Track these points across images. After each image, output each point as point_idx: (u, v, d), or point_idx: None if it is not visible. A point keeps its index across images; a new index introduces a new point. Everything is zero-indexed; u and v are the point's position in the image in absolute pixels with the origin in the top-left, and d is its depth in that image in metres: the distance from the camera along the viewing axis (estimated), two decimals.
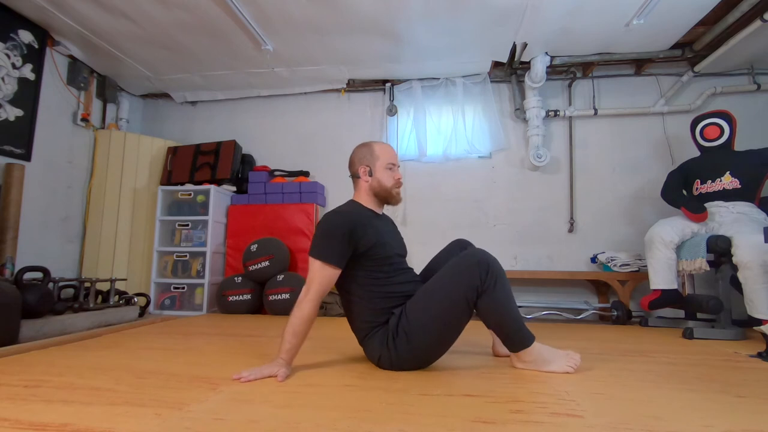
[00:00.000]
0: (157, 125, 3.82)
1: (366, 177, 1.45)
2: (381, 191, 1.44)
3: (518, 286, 3.13)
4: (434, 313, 1.27)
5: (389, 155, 1.46)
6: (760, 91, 2.99)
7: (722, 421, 0.92)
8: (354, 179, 1.50)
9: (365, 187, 1.46)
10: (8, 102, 2.60)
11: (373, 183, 1.44)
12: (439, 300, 1.27)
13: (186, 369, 1.35)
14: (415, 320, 1.27)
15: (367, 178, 1.44)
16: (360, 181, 1.47)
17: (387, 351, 1.30)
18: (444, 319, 1.28)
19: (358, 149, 1.49)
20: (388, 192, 1.44)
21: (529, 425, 0.88)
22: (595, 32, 2.70)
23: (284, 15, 2.53)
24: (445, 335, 1.31)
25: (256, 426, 0.86)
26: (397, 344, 1.28)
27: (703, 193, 2.45)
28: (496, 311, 1.27)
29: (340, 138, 3.53)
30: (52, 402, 1.01)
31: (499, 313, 1.27)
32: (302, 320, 1.25)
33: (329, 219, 1.33)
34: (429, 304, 1.28)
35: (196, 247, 3.10)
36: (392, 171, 1.46)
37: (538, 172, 3.25)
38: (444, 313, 1.27)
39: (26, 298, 1.89)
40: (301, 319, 1.25)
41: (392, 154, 1.48)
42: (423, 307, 1.29)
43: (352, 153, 1.51)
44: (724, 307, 2.12)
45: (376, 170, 1.44)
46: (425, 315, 1.27)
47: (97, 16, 2.57)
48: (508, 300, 1.28)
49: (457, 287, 1.25)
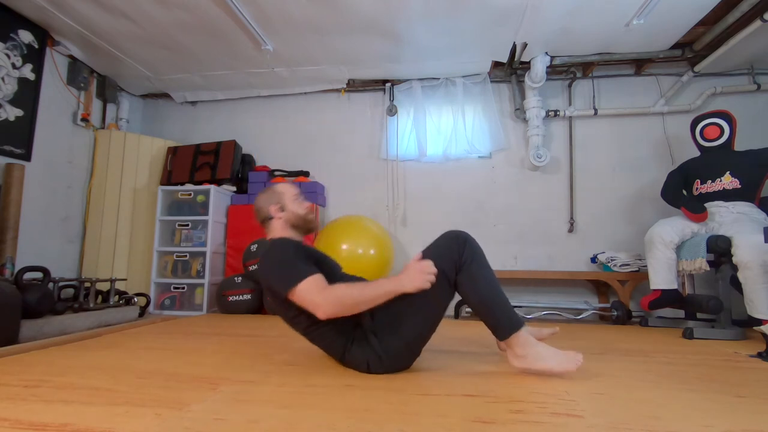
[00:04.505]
0: (157, 125, 3.82)
1: (279, 213, 1.44)
2: (297, 220, 1.45)
3: (518, 286, 3.13)
4: (416, 296, 1.23)
5: (293, 189, 1.50)
6: (760, 91, 2.99)
7: (722, 421, 0.92)
8: (267, 223, 1.46)
9: (281, 223, 1.44)
10: (8, 102, 2.60)
11: (288, 215, 1.44)
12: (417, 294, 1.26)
13: (186, 369, 1.35)
14: (396, 307, 1.25)
15: (280, 213, 1.44)
16: (274, 220, 1.44)
17: (373, 352, 1.27)
18: (426, 299, 1.25)
19: (261, 197, 1.49)
20: (304, 219, 1.46)
21: (529, 425, 0.88)
22: (595, 32, 2.70)
23: (284, 15, 2.53)
24: (428, 316, 1.29)
25: (256, 426, 0.86)
26: (381, 339, 1.26)
27: (703, 193, 2.45)
28: (477, 288, 1.26)
29: (340, 138, 3.54)
30: (52, 402, 1.01)
31: (480, 290, 1.26)
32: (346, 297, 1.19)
33: (275, 249, 1.30)
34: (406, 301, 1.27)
35: (196, 247, 3.10)
36: (301, 201, 1.48)
37: (538, 172, 3.25)
38: (426, 294, 1.23)
39: (26, 298, 1.89)
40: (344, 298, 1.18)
41: (294, 188, 1.51)
42: (399, 308, 1.27)
43: (255, 204, 1.49)
44: (724, 307, 2.12)
45: (287, 204, 1.45)
46: (406, 298, 1.24)
47: (97, 16, 2.57)
48: (489, 278, 1.28)
49: (437, 266, 1.23)
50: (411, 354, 1.32)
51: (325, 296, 1.17)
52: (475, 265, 1.26)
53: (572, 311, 2.84)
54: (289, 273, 1.21)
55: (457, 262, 1.26)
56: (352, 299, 1.19)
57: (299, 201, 1.48)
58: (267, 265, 1.28)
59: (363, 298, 1.20)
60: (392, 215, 3.38)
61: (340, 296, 1.18)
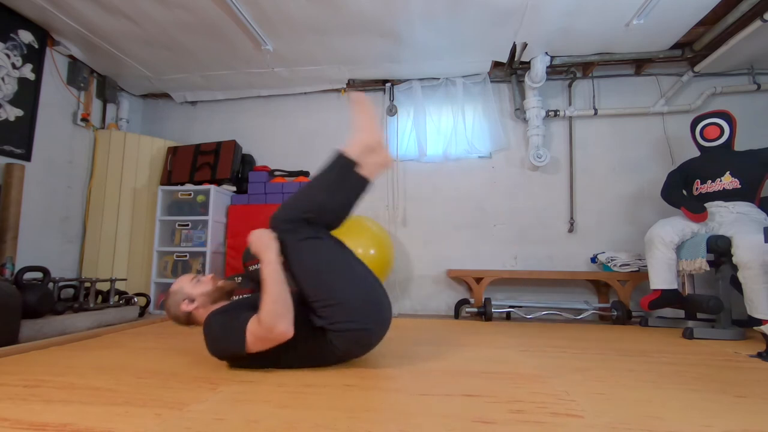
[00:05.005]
0: (157, 125, 3.82)
1: (191, 305, 1.42)
2: (212, 296, 1.45)
3: (518, 286, 3.13)
4: (312, 274, 1.30)
5: (184, 278, 1.48)
6: (760, 91, 2.99)
7: (722, 421, 0.92)
8: (188, 318, 1.45)
9: (201, 309, 1.42)
10: (8, 102, 2.60)
11: (201, 299, 1.43)
12: (303, 267, 1.31)
13: (186, 369, 1.35)
14: (318, 294, 1.28)
15: (193, 304, 1.42)
16: (194, 311, 1.43)
17: (336, 334, 1.28)
18: (308, 256, 1.31)
19: (168, 307, 1.48)
20: (216, 290, 1.46)
21: (529, 425, 0.88)
22: (595, 32, 2.70)
23: (284, 15, 2.53)
24: (331, 265, 1.32)
25: (256, 426, 0.86)
26: (331, 320, 1.27)
27: (703, 193, 2.45)
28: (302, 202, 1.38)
29: (340, 138, 3.53)
30: (52, 402, 1.01)
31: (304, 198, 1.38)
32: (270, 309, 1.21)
33: (208, 331, 1.31)
34: (308, 275, 1.31)
35: (196, 247, 3.10)
36: (199, 281, 1.47)
37: (538, 172, 3.25)
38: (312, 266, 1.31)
39: (26, 298, 1.89)
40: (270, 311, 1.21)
41: (186, 277, 1.50)
42: (309, 280, 1.30)
43: (169, 316, 1.48)
44: (724, 307, 2.12)
45: (191, 293, 1.44)
46: (306, 276, 1.30)
47: (97, 16, 2.57)
48: (299, 191, 1.40)
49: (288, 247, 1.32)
50: (360, 310, 1.31)
51: (268, 323, 1.19)
52: (287, 208, 1.37)
53: (572, 311, 2.84)
54: (231, 340, 1.24)
55: (284, 228, 1.33)
56: (273, 302, 1.21)
57: (198, 282, 1.46)
58: (213, 348, 1.31)
59: (272, 296, 1.22)
60: (392, 215, 3.38)
61: (270, 311, 1.20)
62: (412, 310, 3.26)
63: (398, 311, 3.21)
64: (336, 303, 1.27)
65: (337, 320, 1.27)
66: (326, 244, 1.36)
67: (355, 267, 1.38)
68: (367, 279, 1.37)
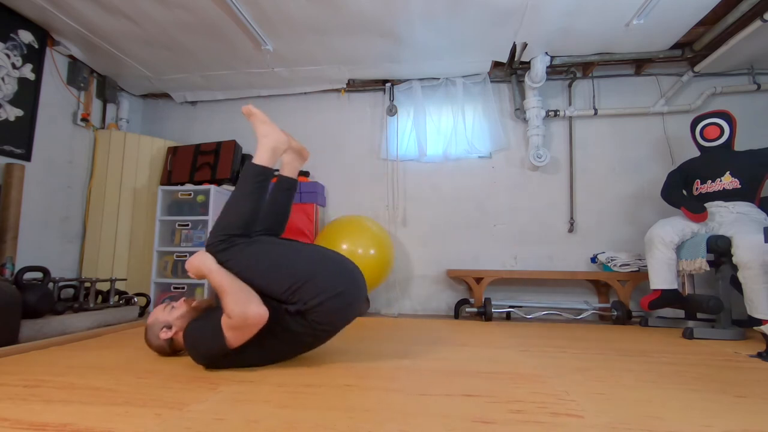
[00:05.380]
0: (157, 125, 3.82)
1: (170, 332, 1.43)
2: (188, 316, 1.45)
3: (518, 286, 3.13)
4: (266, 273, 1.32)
5: (157, 309, 1.50)
6: (760, 91, 2.99)
7: (722, 421, 0.92)
8: (172, 346, 1.47)
9: (180, 333, 1.42)
10: (8, 102, 2.60)
11: (178, 323, 1.43)
12: (252, 273, 1.32)
13: (186, 369, 1.35)
14: (263, 280, 1.31)
15: (171, 331, 1.43)
16: (173, 338, 1.44)
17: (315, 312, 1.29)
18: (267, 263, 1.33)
19: (149, 341, 1.49)
20: (191, 311, 1.46)
21: (529, 425, 0.88)
22: (595, 32, 2.70)
23: (284, 15, 2.53)
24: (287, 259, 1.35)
25: (256, 426, 0.86)
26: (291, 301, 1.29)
27: (703, 193, 2.45)
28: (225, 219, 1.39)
29: (340, 138, 3.54)
30: (52, 402, 1.01)
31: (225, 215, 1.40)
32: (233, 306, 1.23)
33: (189, 341, 1.34)
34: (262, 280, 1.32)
35: (196, 247, 3.10)
36: (173, 306, 1.47)
37: (538, 172, 3.25)
38: (262, 266, 1.33)
39: (26, 298, 1.89)
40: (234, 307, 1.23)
41: (158, 307, 1.50)
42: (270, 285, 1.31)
43: (153, 348, 1.50)
44: (724, 307, 2.12)
45: (167, 320, 1.44)
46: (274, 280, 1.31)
47: (97, 16, 2.57)
48: (222, 211, 1.41)
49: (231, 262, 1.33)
50: (325, 278, 1.33)
51: (238, 313, 1.21)
52: (216, 231, 1.38)
53: (572, 311, 2.84)
54: (211, 341, 1.27)
55: (218, 249, 1.35)
56: (233, 298, 1.23)
57: (172, 308, 1.47)
58: (198, 356, 1.33)
59: (229, 290, 1.25)
60: (392, 215, 3.38)
61: (235, 301, 1.22)
62: (412, 310, 3.26)
63: (398, 311, 3.21)
64: (302, 284, 1.29)
65: (309, 297, 1.29)
66: (264, 241, 1.41)
67: (301, 248, 1.42)
68: (317, 251, 1.42)
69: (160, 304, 1.54)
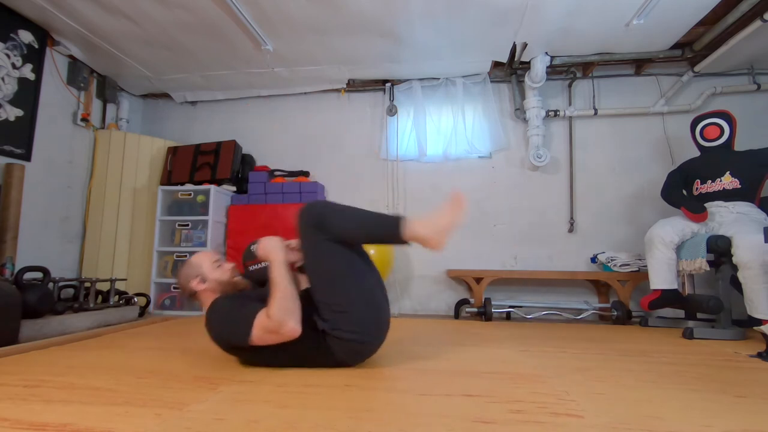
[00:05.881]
0: (157, 125, 3.82)
1: (201, 285, 1.42)
2: (224, 286, 1.44)
3: (518, 286, 3.13)
4: (327, 274, 1.30)
5: (208, 257, 1.48)
6: (760, 91, 2.99)
7: (722, 421, 0.92)
8: (194, 297, 1.46)
9: (209, 292, 1.43)
10: (8, 102, 2.60)
11: (212, 284, 1.43)
12: (317, 265, 1.31)
13: (186, 369, 1.35)
14: (324, 296, 1.29)
15: (203, 285, 1.42)
16: (200, 293, 1.43)
17: (339, 341, 1.29)
18: (332, 268, 1.30)
19: (180, 273, 1.48)
20: (229, 282, 1.45)
21: (529, 425, 0.88)
22: (595, 32, 2.70)
23: (284, 15, 2.53)
24: (342, 278, 1.31)
25: (256, 426, 0.86)
26: (337, 323, 1.28)
27: (703, 193, 2.45)
28: (347, 224, 1.31)
29: (340, 138, 3.54)
30: (52, 402, 1.01)
31: (352, 226, 1.31)
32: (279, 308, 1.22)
33: (213, 316, 1.31)
34: (320, 276, 1.31)
35: (196, 247, 3.10)
36: (221, 266, 1.46)
37: (538, 172, 3.25)
38: (327, 264, 1.30)
39: (26, 298, 1.89)
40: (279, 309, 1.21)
41: (210, 254, 1.49)
42: (320, 282, 1.31)
43: (178, 282, 1.49)
44: (724, 307, 2.12)
45: (206, 274, 1.43)
46: (326, 283, 1.30)
47: (97, 16, 2.57)
48: (350, 212, 1.33)
49: (312, 242, 1.30)
50: (363, 322, 1.31)
51: (278, 319, 1.20)
52: (328, 211, 1.31)
53: (572, 311, 2.84)
54: (237, 329, 1.25)
55: (317, 224, 1.29)
56: (284, 299, 1.22)
57: (219, 267, 1.45)
58: (215, 333, 1.31)
59: (282, 291, 1.24)
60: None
61: (280, 308, 1.21)
62: (412, 310, 3.26)
63: (398, 311, 3.21)
64: (342, 311, 1.28)
65: (340, 327, 1.28)
66: (345, 249, 1.34)
67: (367, 278, 1.37)
68: (375, 292, 1.37)
69: (212, 251, 1.51)
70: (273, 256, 1.32)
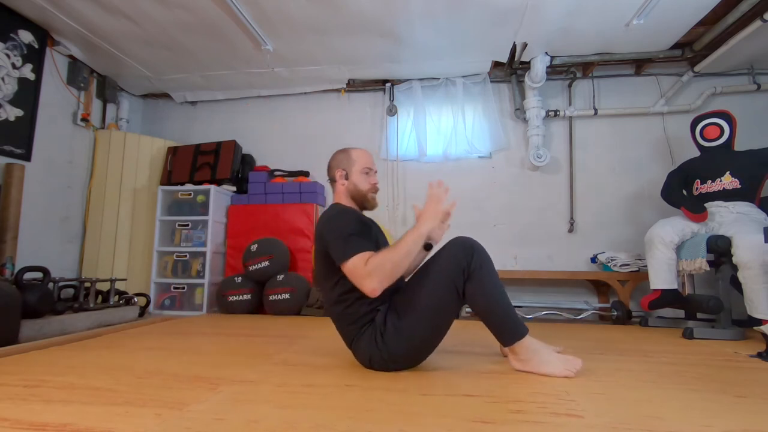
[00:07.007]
0: (157, 125, 3.82)
1: (342, 180, 1.45)
2: (357, 195, 1.45)
3: (518, 286, 3.13)
4: (424, 302, 1.26)
5: (366, 160, 1.47)
6: (760, 91, 2.99)
7: (722, 421, 0.92)
8: (332, 183, 1.49)
9: (342, 190, 1.46)
10: (8, 102, 2.60)
11: (349, 186, 1.44)
12: (427, 288, 1.28)
13: (186, 369, 1.35)
14: (403, 312, 1.27)
15: (344, 181, 1.45)
16: (337, 184, 1.46)
17: (377, 350, 1.28)
18: (433, 306, 1.27)
19: (336, 154, 1.49)
20: (364, 196, 1.45)
21: (529, 425, 0.88)
22: (595, 32, 2.70)
23: (284, 15, 2.53)
24: (436, 324, 1.30)
25: (256, 426, 0.86)
26: (386, 341, 1.26)
27: (703, 193, 2.44)
28: (484, 296, 1.27)
29: (340, 138, 3.53)
30: (52, 402, 1.01)
31: (487, 298, 1.27)
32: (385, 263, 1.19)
33: (338, 218, 1.32)
34: (418, 294, 1.28)
35: (196, 247, 3.10)
36: (368, 176, 1.47)
37: (538, 172, 3.25)
38: (433, 300, 1.27)
39: (26, 298, 1.89)
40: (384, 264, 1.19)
41: (369, 159, 1.49)
42: (411, 297, 1.29)
43: (330, 160, 1.50)
44: (724, 307, 2.12)
45: (352, 174, 1.44)
46: (414, 304, 1.27)
47: (97, 16, 2.57)
48: (496, 286, 1.28)
49: (445, 272, 1.26)
50: (413, 358, 1.34)
51: (369, 271, 1.18)
52: (483, 272, 1.26)
53: (572, 311, 2.84)
54: (345, 245, 1.23)
55: (465, 270, 1.25)
56: (391, 262, 1.19)
57: (366, 175, 1.46)
58: (328, 231, 1.29)
59: (397, 256, 1.20)
60: (392, 215, 3.38)
61: (379, 265, 1.18)
62: None
63: None
64: (402, 336, 1.26)
65: (387, 342, 1.27)
66: (455, 306, 1.32)
67: (438, 339, 1.35)
68: (428, 349, 1.35)
69: (371, 158, 1.50)
70: (422, 223, 1.28)
